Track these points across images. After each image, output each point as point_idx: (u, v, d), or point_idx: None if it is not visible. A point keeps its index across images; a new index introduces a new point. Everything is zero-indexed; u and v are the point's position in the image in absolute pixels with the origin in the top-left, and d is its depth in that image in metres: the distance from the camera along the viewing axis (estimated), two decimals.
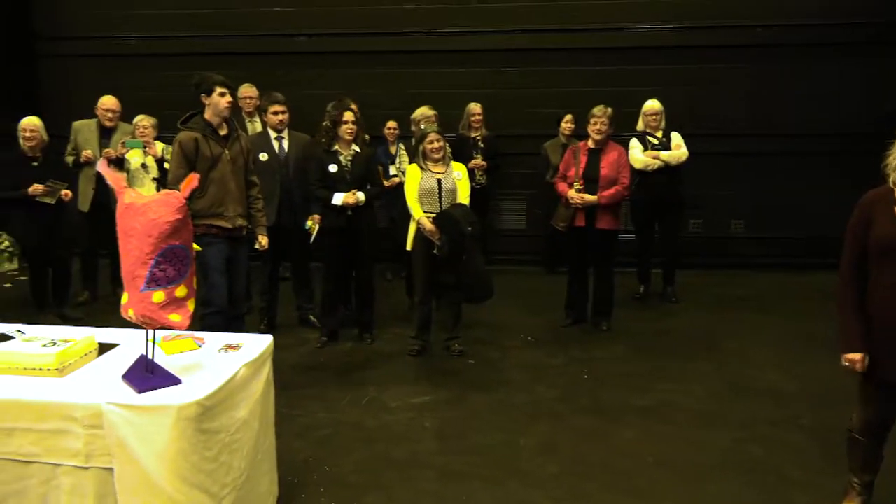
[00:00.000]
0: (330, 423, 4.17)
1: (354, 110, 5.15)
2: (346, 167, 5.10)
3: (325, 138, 5.15)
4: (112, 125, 6.22)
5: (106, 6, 8.14)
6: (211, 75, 4.40)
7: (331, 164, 5.08)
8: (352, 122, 5.05)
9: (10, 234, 7.41)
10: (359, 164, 5.14)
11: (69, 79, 7.53)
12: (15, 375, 2.71)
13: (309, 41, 7.98)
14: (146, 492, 2.50)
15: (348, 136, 5.07)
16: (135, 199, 2.54)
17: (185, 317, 2.62)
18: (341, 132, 5.06)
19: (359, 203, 5.06)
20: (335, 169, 5.08)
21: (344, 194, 5.02)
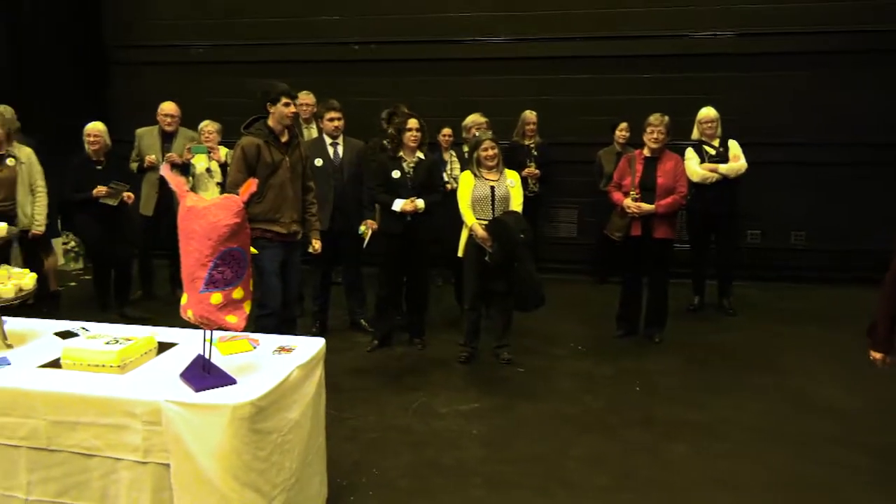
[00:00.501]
0: (379, 426, 4.21)
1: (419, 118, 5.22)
2: (409, 174, 5.17)
3: (390, 145, 5.24)
4: (172, 130, 6.41)
5: (173, 16, 8.41)
6: (277, 85, 4.50)
7: (394, 170, 5.16)
8: (416, 129, 5.12)
9: (76, 235, 7.73)
10: (421, 171, 5.20)
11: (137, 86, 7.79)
12: (79, 371, 2.82)
13: (363, 49, 8.09)
14: (200, 488, 2.56)
15: (412, 144, 5.14)
16: (196, 203, 2.61)
17: (242, 318, 2.68)
18: (406, 139, 5.13)
19: (418, 210, 5.11)
20: (398, 175, 5.15)
21: (403, 201, 5.08)
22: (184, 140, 6.45)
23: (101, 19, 8.52)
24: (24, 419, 2.70)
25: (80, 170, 5.81)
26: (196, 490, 2.57)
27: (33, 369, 2.86)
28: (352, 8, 8.06)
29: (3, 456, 2.75)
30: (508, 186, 5.00)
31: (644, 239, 5.34)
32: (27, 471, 2.74)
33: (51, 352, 3.00)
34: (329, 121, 5.52)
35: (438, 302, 6.47)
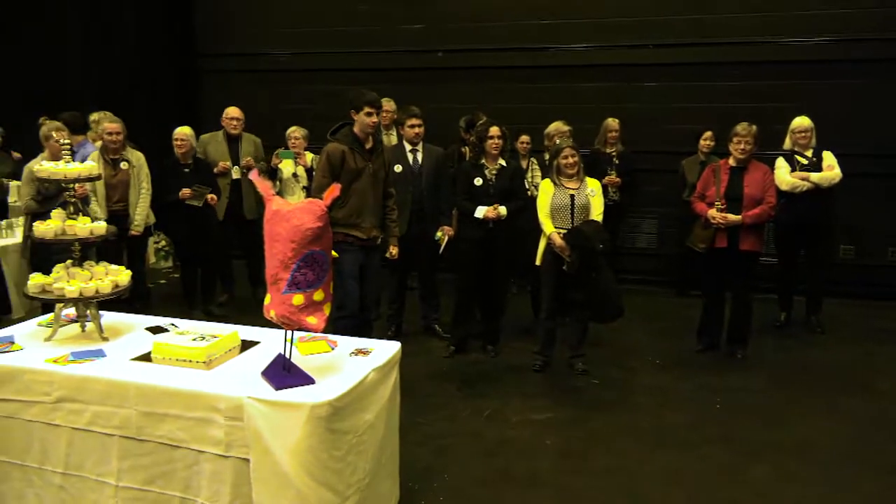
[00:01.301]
0: (451, 432, 4.22)
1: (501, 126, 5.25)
2: (491, 181, 5.19)
3: (472, 152, 5.27)
4: (237, 133, 6.60)
5: (262, 25, 8.71)
6: (363, 94, 4.59)
7: (476, 178, 5.19)
8: (497, 136, 5.15)
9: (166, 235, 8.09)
10: (503, 178, 5.21)
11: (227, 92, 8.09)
12: (168, 366, 2.95)
13: (444, 57, 8.16)
14: (278, 484, 2.64)
15: (494, 151, 5.17)
16: (281, 206, 2.70)
17: (321, 320, 2.75)
18: (487, 146, 5.17)
19: (500, 217, 5.13)
20: (480, 182, 5.19)
21: (486, 208, 5.11)
22: (248, 144, 6.64)
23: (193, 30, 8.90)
24: (117, 409, 2.85)
25: (169, 172, 6.08)
26: (274, 485, 2.64)
27: (126, 362, 3.01)
28: (434, 16, 8.14)
29: (97, 443, 2.91)
30: (589, 195, 4.93)
31: (729, 251, 5.17)
32: (118, 458, 2.89)
33: (142, 346, 3.16)
34: (410, 127, 5.59)
35: (513, 310, 6.43)
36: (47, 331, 3.31)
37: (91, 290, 3.20)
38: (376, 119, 4.64)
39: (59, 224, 3.24)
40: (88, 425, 2.91)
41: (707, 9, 7.41)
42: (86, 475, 2.96)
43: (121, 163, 5.79)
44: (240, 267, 6.94)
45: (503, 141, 5.21)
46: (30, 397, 2.98)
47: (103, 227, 3.35)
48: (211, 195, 6.10)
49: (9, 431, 3.05)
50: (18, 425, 3.03)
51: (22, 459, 3.06)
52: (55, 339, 3.25)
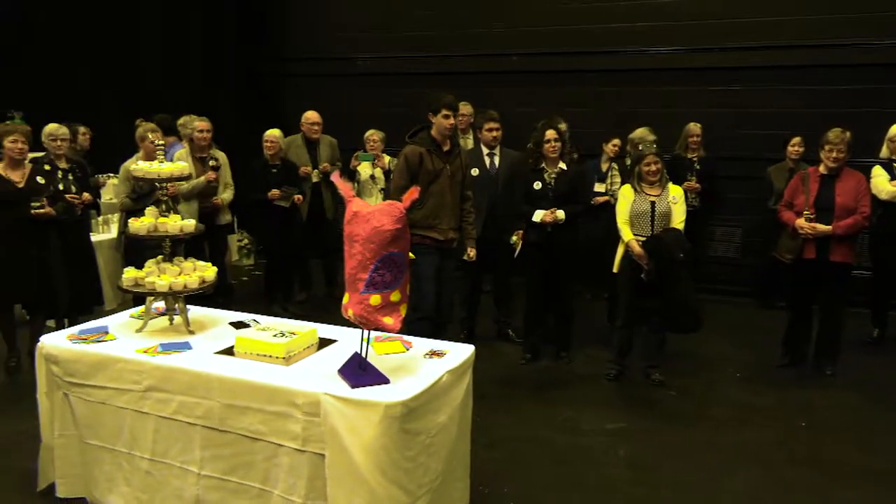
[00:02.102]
0: (522, 437, 4.19)
1: (561, 129, 5.18)
2: (550, 185, 5.14)
3: (531, 156, 5.24)
4: (316, 137, 6.75)
5: (341, 30, 8.90)
6: (441, 97, 4.63)
7: (535, 182, 5.15)
8: (554, 140, 5.09)
9: (251, 233, 8.36)
10: (563, 182, 5.14)
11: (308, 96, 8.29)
12: (250, 360, 3.04)
13: (522, 60, 8.12)
14: (351, 480, 2.68)
15: (552, 154, 5.12)
16: (361, 208, 2.74)
17: (397, 321, 2.78)
18: (545, 150, 5.12)
19: (557, 221, 5.06)
20: (539, 186, 5.14)
21: (543, 211, 5.06)
22: (326, 147, 6.78)
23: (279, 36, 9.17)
24: (201, 400, 2.96)
25: (258, 172, 6.27)
26: (347, 482, 2.68)
27: (211, 355, 3.12)
28: (514, 19, 8.12)
29: (182, 432, 3.03)
30: (671, 202, 4.80)
31: (818, 262, 4.93)
32: (201, 448, 3.00)
33: (226, 340, 3.27)
34: (487, 131, 5.60)
35: (588, 317, 6.35)
36: (138, 322, 3.48)
37: (180, 284, 3.35)
38: (453, 121, 4.66)
39: (152, 221, 3.40)
40: (174, 414, 3.03)
41: (800, 10, 7.12)
42: (171, 462, 3.09)
43: (209, 161, 6.01)
44: (317, 267, 7.09)
45: (561, 144, 5.14)
46: (121, 385, 3.13)
47: (192, 225, 3.49)
48: (298, 195, 6.26)
49: (101, 417, 3.22)
50: (110, 411, 3.19)
51: (112, 444, 3.22)
52: (145, 331, 3.40)
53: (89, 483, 3.35)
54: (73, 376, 3.22)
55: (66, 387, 3.26)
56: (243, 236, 8.50)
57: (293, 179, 6.36)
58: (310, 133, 6.70)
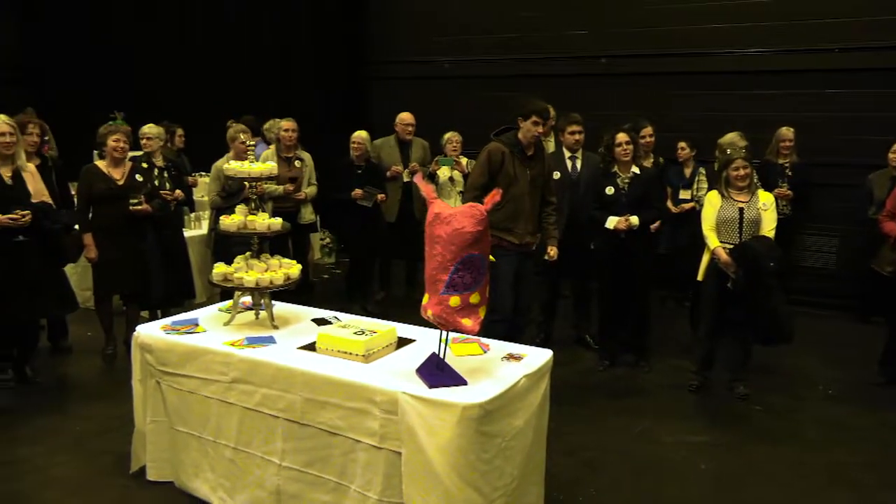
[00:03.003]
0: (599, 446, 4.12)
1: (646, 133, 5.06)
2: (623, 189, 5.02)
3: (603, 161, 5.15)
4: (409, 138, 6.83)
5: (426, 33, 8.98)
6: (533, 102, 4.58)
7: (608, 187, 5.04)
8: (626, 143, 4.97)
9: (333, 232, 8.55)
10: (637, 187, 5.02)
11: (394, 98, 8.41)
12: (331, 356, 3.11)
13: (607, 63, 7.99)
14: (427, 480, 2.70)
15: (624, 158, 5.00)
16: (442, 210, 2.76)
17: (476, 322, 2.79)
18: (617, 154, 5.01)
19: (632, 227, 4.94)
20: (611, 192, 5.04)
21: (617, 218, 4.95)
22: (418, 149, 6.84)
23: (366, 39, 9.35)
24: (284, 393, 3.05)
25: (343, 172, 6.41)
26: (423, 481, 2.70)
27: (293, 349, 3.21)
28: (599, 21, 8.00)
29: (265, 424, 3.12)
30: (760, 209, 4.60)
31: None
32: (282, 439, 3.09)
33: (308, 335, 3.36)
34: (570, 134, 5.54)
35: (670, 325, 6.19)
36: (226, 316, 3.61)
37: (266, 280, 3.46)
38: (542, 129, 4.62)
39: (242, 219, 3.53)
40: (258, 406, 3.13)
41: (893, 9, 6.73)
42: (253, 452, 3.19)
43: (294, 161, 6.18)
44: (399, 266, 7.18)
45: (633, 147, 5.01)
46: (209, 375, 3.26)
47: (279, 223, 3.60)
48: (381, 195, 6.37)
49: (190, 405, 3.36)
50: (198, 400, 3.32)
51: (199, 432, 3.36)
52: (233, 324, 3.53)
53: (177, 468, 3.50)
54: (166, 365, 3.38)
55: (159, 375, 3.42)
56: (326, 235, 8.69)
57: (377, 180, 6.46)
58: (403, 134, 6.79)
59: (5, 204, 4.37)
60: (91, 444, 4.01)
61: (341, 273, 7.96)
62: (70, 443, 4.04)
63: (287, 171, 6.12)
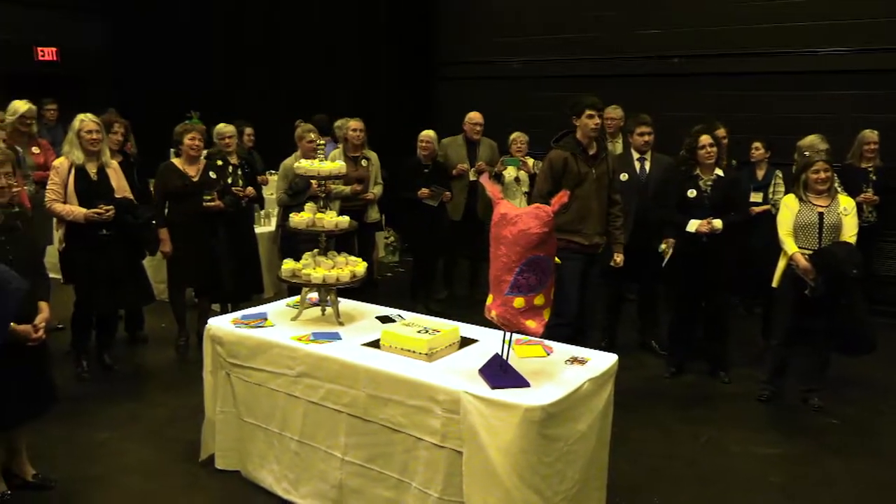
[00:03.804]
0: (663, 453, 4.03)
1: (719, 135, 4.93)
2: (705, 192, 4.89)
3: (684, 163, 5.02)
4: (477, 138, 6.82)
5: (494, 34, 8.97)
6: (583, 98, 4.55)
7: (689, 189, 4.92)
8: (710, 145, 4.84)
9: (397, 231, 8.63)
10: (719, 190, 4.88)
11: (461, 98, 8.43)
12: (394, 354, 3.14)
13: (679, 63, 7.81)
14: (488, 480, 2.69)
15: (707, 161, 4.87)
16: (508, 210, 2.75)
17: (540, 324, 2.77)
18: (700, 156, 4.88)
19: (714, 231, 4.80)
20: (693, 194, 4.91)
21: (698, 221, 4.82)
22: (486, 148, 6.83)
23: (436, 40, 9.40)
24: (348, 388, 3.09)
25: (410, 171, 6.46)
26: (484, 481, 2.70)
27: (358, 346, 3.26)
28: (672, 20, 7.82)
29: (329, 418, 3.18)
30: (841, 214, 4.41)
31: None
32: (345, 434, 3.14)
33: (372, 333, 3.40)
34: (639, 135, 5.44)
35: (739, 333, 5.99)
36: (293, 311, 3.69)
37: (333, 277, 3.52)
38: (598, 121, 4.56)
39: (310, 216, 3.60)
40: (322, 400, 3.19)
41: None
42: (317, 445, 3.25)
43: (361, 160, 6.27)
44: (462, 266, 7.19)
45: (717, 149, 4.86)
46: (276, 369, 3.34)
47: (346, 222, 3.66)
48: (447, 193, 6.40)
49: (257, 397, 3.45)
50: (265, 393, 3.41)
51: (266, 424, 3.44)
52: (300, 320, 3.61)
53: (244, 458, 3.60)
54: (235, 357, 3.48)
55: (229, 367, 3.52)
56: (390, 234, 8.78)
57: (443, 180, 6.49)
58: (471, 133, 6.81)
59: (91, 199, 4.58)
60: (163, 432, 4.17)
61: (405, 272, 8.02)
62: (144, 429, 4.21)
63: (354, 170, 6.20)
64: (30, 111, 5.56)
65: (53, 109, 7.99)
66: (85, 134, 4.61)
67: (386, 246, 8.83)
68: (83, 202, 4.58)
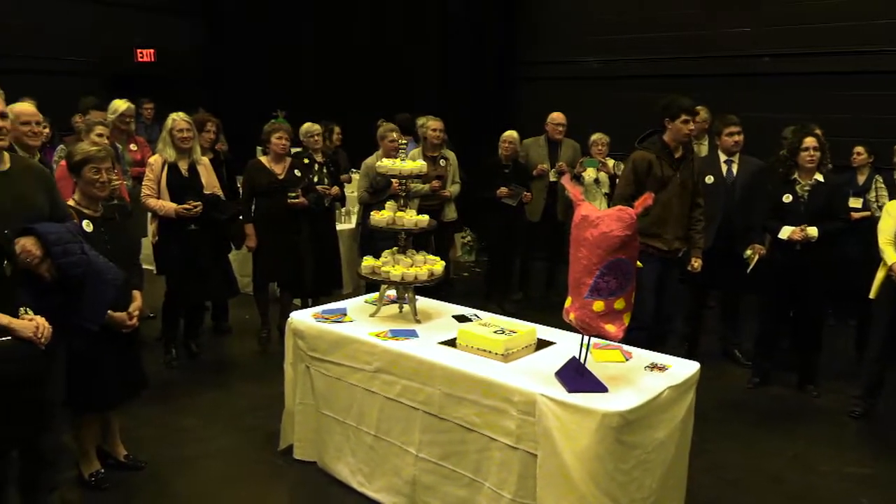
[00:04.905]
0: (744, 467, 3.89)
1: (819, 136, 4.70)
2: (803, 198, 4.67)
3: (782, 166, 4.81)
4: (559, 138, 6.75)
5: (574, 34, 8.85)
6: (679, 100, 4.42)
7: (785, 194, 4.71)
8: (813, 148, 4.61)
9: (474, 231, 8.64)
10: (818, 196, 4.66)
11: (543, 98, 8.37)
12: (470, 353, 3.15)
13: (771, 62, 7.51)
14: (562, 485, 2.66)
15: (809, 165, 4.64)
16: (590, 212, 2.71)
17: (620, 329, 2.71)
18: (801, 160, 4.65)
19: (809, 239, 4.58)
20: (789, 199, 4.70)
21: (792, 228, 4.61)
22: (568, 149, 6.75)
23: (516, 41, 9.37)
24: (423, 386, 3.12)
25: (490, 170, 6.46)
26: (558, 485, 2.67)
27: (434, 344, 3.28)
28: (761, 18, 7.53)
29: (404, 414, 3.21)
30: None
31: None
32: (420, 431, 3.16)
33: (449, 331, 3.41)
34: (728, 136, 5.25)
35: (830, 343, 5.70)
36: (372, 308, 3.75)
37: (411, 275, 3.55)
38: (693, 127, 4.43)
39: (391, 215, 3.65)
40: (398, 397, 3.23)
41: None
42: (392, 441, 3.29)
43: (439, 160, 6.31)
44: (539, 267, 7.14)
45: (821, 153, 4.63)
46: (354, 364, 3.40)
47: (426, 220, 3.69)
48: (527, 193, 6.37)
49: (335, 391, 3.52)
50: (343, 387, 3.48)
51: (343, 417, 3.51)
52: (378, 316, 3.66)
53: (321, 449, 3.68)
54: (315, 351, 3.56)
55: (309, 360, 3.61)
56: (467, 234, 8.80)
57: (523, 180, 6.46)
58: (553, 133, 6.76)
59: (181, 194, 4.78)
60: (245, 420, 4.31)
61: (480, 271, 8.02)
62: (227, 417, 4.36)
63: (433, 169, 6.24)
64: (129, 110, 5.86)
65: (150, 108, 8.41)
66: (176, 132, 4.82)
67: (462, 245, 8.85)
68: (174, 197, 4.79)
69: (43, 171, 3.13)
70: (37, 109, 3.89)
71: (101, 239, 3.25)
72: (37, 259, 2.68)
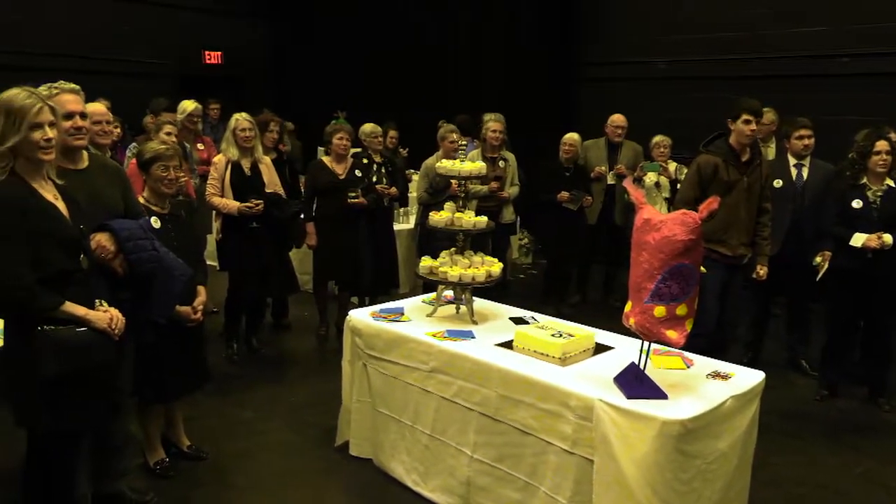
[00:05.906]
0: (809, 481, 3.76)
1: (892, 139, 4.51)
2: (874, 204, 4.48)
3: (849, 169, 4.63)
4: (619, 141, 6.64)
5: (639, 33, 8.72)
6: (743, 101, 4.31)
7: (855, 200, 4.53)
8: (886, 152, 4.42)
9: (532, 233, 8.59)
10: (891, 202, 4.46)
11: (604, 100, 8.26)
12: (527, 356, 3.13)
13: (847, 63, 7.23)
14: (619, 492, 2.62)
15: (880, 169, 4.45)
16: (652, 216, 2.66)
17: (681, 335, 2.66)
18: (872, 164, 4.47)
19: (884, 246, 4.39)
20: (859, 205, 4.51)
21: (865, 235, 4.43)
22: (629, 151, 6.64)
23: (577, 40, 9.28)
24: (479, 387, 3.12)
25: (551, 173, 6.42)
26: (615, 493, 2.63)
27: (491, 346, 3.27)
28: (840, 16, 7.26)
29: (460, 415, 3.22)
30: None
31: None
32: (475, 432, 3.16)
33: (505, 333, 3.40)
34: (798, 139, 5.08)
35: None
36: (429, 308, 3.76)
37: (468, 276, 3.56)
38: (755, 128, 4.31)
39: (450, 215, 3.66)
40: (454, 397, 3.24)
41: None
42: (447, 441, 3.30)
43: (498, 161, 6.29)
44: (597, 270, 7.05)
45: (893, 158, 4.43)
46: (411, 363, 3.42)
47: (484, 222, 3.68)
48: (588, 197, 6.31)
49: (392, 390, 3.55)
50: (400, 386, 3.50)
51: (399, 416, 3.54)
52: (435, 316, 3.67)
53: (376, 447, 3.72)
54: (373, 349, 3.60)
55: (366, 358, 3.65)
56: (524, 236, 8.76)
57: (584, 183, 6.40)
58: (613, 136, 6.67)
59: (244, 193, 4.90)
60: (303, 415, 4.39)
61: (537, 274, 7.97)
62: (285, 411, 4.45)
63: (492, 170, 6.23)
64: (196, 110, 6.04)
65: (216, 108, 8.65)
66: (239, 132, 4.94)
67: (520, 247, 8.81)
68: (237, 196, 4.91)
69: (118, 169, 3.26)
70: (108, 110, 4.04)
71: (167, 235, 3.36)
72: (111, 254, 2.79)
